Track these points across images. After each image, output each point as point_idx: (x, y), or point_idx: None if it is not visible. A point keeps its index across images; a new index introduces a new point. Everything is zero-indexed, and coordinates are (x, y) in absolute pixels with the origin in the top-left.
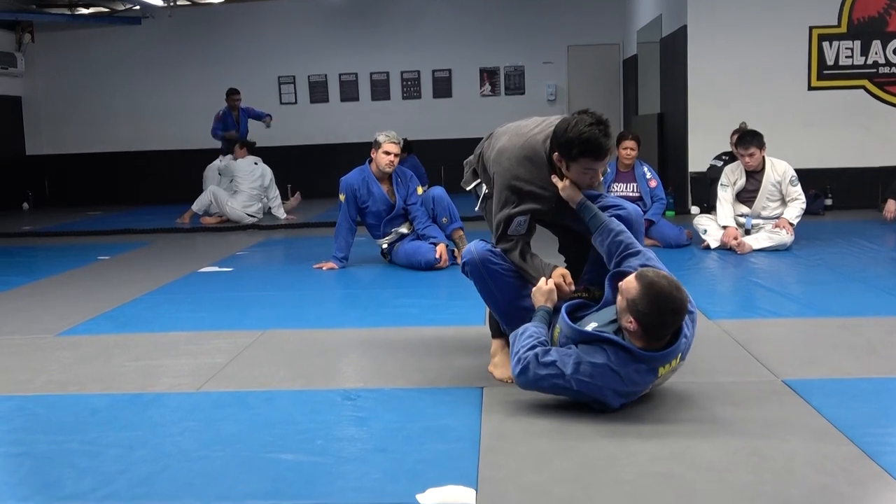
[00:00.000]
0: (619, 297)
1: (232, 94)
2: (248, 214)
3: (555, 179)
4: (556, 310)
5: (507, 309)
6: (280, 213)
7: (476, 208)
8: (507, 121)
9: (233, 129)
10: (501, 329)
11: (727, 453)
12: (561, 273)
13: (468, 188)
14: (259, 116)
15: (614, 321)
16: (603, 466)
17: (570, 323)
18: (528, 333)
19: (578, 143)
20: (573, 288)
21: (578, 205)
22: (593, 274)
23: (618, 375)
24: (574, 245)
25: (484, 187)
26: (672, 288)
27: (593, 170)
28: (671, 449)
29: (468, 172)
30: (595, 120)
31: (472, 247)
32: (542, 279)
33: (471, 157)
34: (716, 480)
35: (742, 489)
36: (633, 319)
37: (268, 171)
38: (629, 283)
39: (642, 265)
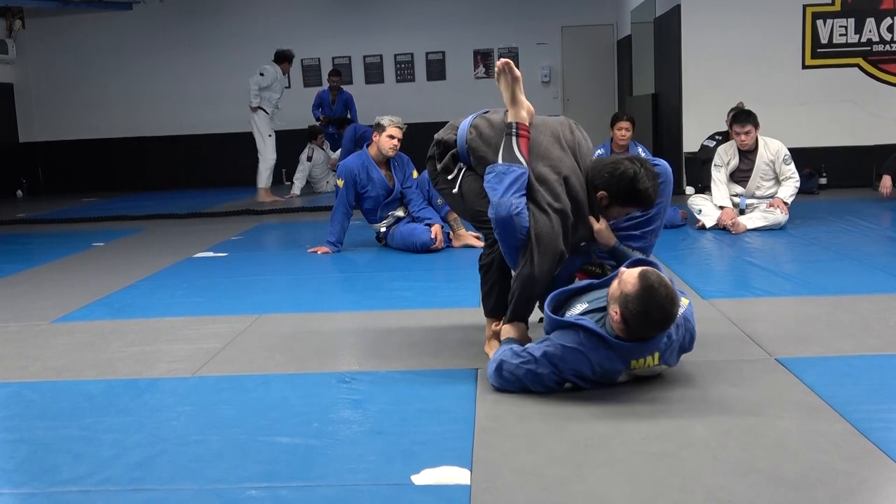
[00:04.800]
0: (614, 284)
1: (331, 75)
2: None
3: (591, 221)
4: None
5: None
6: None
7: (455, 189)
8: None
9: (327, 112)
10: (490, 309)
11: (720, 431)
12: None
13: (450, 177)
14: (352, 111)
15: (605, 308)
16: (596, 446)
17: (548, 313)
18: (506, 345)
19: (640, 197)
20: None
21: (613, 248)
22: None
23: (587, 359)
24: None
25: (460, 168)
26: (667, 300)
27: (629, 213)
28: (664, 428)
29: (447, 158)
30: (653, 175)
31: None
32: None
33: (441, 136)
34: (709, 458)
35: (735, 467)
36: (619, 312)
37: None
38: (630, 277)
39: (640, 260)
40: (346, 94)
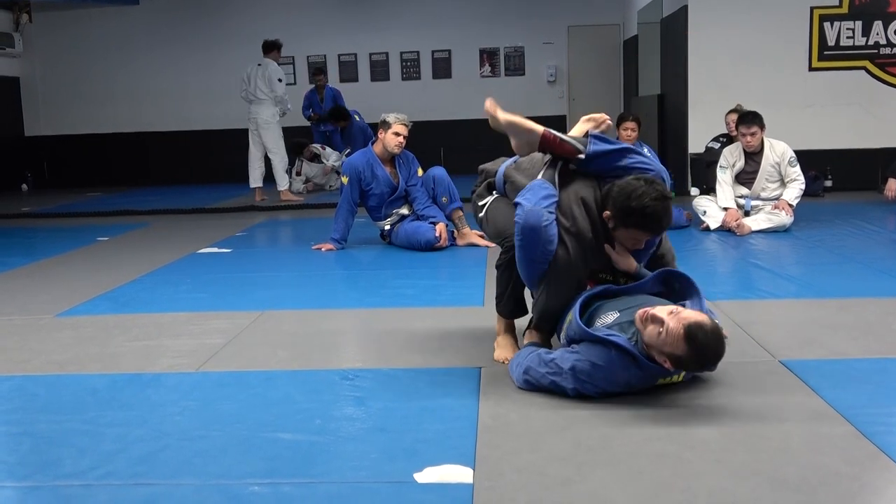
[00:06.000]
0: (653, 331)
1: (315, 73)
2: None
3: (608, 249)
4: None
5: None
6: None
7: (481, 214)
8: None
9: (317, 110)
10: (508, 313)
11: (724, 433)
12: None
13: (481, 203)
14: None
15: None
16: (598, 447)
17: (580, 324)
18: (531, 349)
19: (638, 216)
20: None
21: (636, 273)
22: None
23: (616, 377)
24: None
25: (493, 196)
26: (717, 343)
27: (639, 240)
28: (667, 429)
29: (482, 186)
30: (659, 194)
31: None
32: None
33: (485, 166)
34: (712, 460)
35: (738, 469)
36: (668, 362)
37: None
38: (674, 336)
39: (668, 272)
40: (333, 90)
